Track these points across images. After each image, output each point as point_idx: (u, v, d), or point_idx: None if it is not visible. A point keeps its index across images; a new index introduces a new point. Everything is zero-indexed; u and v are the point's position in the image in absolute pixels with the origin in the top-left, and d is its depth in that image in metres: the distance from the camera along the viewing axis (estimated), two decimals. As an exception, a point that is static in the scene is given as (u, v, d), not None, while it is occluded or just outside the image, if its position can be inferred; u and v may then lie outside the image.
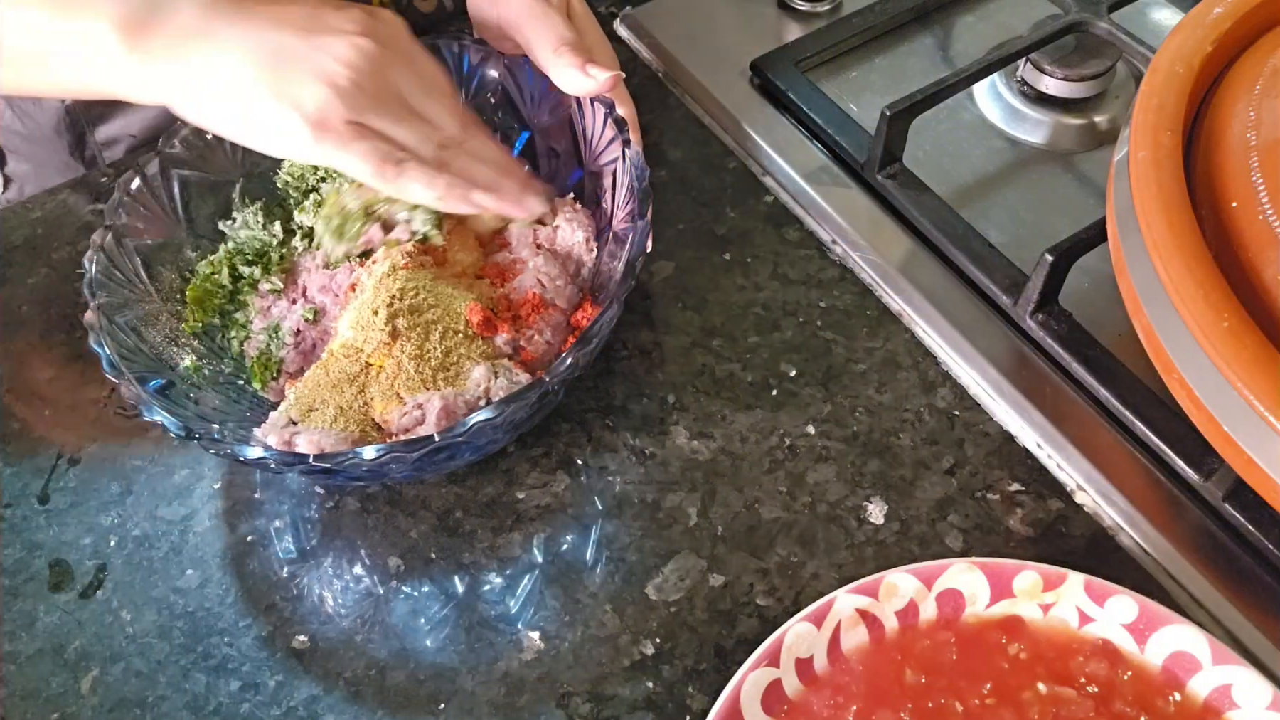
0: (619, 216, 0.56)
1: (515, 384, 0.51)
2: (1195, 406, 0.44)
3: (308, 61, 0.48)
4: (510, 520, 0.53)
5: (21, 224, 0.66)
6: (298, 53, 0.48)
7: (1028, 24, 0.66)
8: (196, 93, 0.49)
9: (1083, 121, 0.66)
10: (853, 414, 0.55)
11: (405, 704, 0.48)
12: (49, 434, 0.57)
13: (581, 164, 0.59)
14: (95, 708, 0.48)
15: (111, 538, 0.53)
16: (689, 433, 0.55)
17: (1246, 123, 0.45)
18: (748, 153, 0.67)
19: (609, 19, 0.74)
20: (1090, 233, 0.53)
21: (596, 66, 0.55)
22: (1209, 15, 0.49)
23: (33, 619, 0.51)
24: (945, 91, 0.61)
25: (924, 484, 0.53)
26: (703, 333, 0.59)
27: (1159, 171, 0.44)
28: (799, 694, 0.44)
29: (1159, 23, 0.71)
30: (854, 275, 0.61)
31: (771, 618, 0.49)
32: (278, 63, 0.48)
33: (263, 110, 0.48)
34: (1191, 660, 0.44)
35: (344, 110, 0.48)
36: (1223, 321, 0.40)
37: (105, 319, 0.51)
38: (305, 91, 0.48)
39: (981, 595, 0.46)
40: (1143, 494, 0.51)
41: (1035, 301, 0.55)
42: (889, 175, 0.62)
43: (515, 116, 0.61)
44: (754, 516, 0.52)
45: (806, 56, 0.69)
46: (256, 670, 0.49)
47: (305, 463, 0.46)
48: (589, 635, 0.49)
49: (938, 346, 0.57)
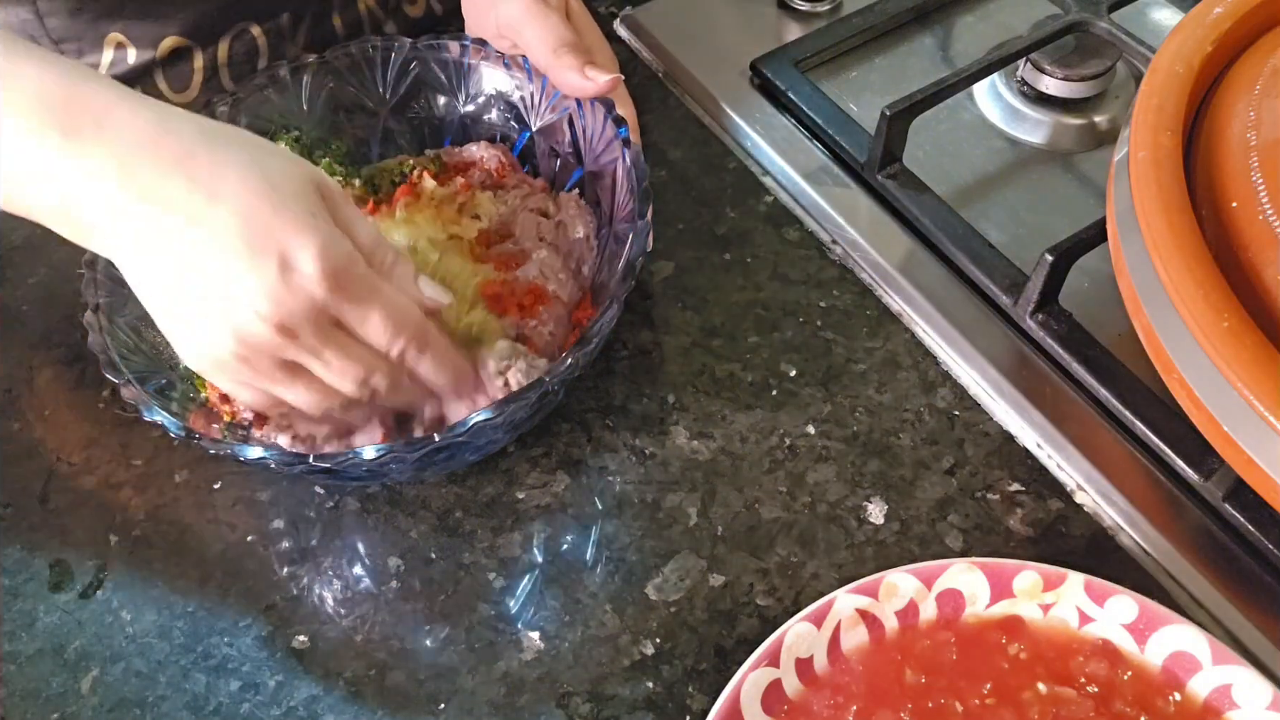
0: (619, 216, 0.56)
1: (534, 367, 0.51)
2: (1195, 406, 0.44)
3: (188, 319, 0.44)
4: (510, 520, 0.53)
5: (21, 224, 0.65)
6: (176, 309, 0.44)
7: (1028, 24, 0.66)
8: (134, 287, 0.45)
9: (1083, 121, 0.66)
10: (853, 414, 0.55)
11: (405, 704, 0.48)
12: (49, 434, 0.57)
13: (581, 164, 0.59)
14: (95, 708, 0.48)
15: (111, 538, 0.53)
16: (689, 433, 0.55)
17: (1246, 123, 0.45)
18: (748, 153, 0.67)
19: (609, 19, 0.74)
20: (1090, 233, 0.53)
21: (596, 69, 0.55)
22: (1209, 15, 0.49)
23: (33, 619, 0.51)
24: (945, 91, 0.61)
25: (924, 484, 0.53)
26: (703, 333, 0.59)
27: (1159, 171, 0.44)
28: (799, 694, 0.44)
29: (1159, 23, 0.71)
30: (854, 275, 0.61)
31: (771, 618, 0.49)
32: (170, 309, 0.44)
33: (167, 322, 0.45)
34: (1191, 660, 0.44)
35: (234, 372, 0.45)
36: (1223, 321, 0.40)
37: (105, 319, 0.51)
38: (207, 335, 0.44)
39: (981, 595, 0.46)
40: (1143, 494, 0.51)
41: (1035, 301, 0.55)
42: (889, 175, 0.62)
43: (515, 116, 0.61)
44: (754, 516, 0.52)
45: (806, 56, 0.69)
46: (256, 670, 0.49)
47: (305, 463, 0.46)
48: (589, 635, 0.49)
49: (938, 346, 0.57)
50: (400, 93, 0.62)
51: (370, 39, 0.60)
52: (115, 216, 0.43)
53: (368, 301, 0.45)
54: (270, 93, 0.59)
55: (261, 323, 0.43)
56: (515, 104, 0.61)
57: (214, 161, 0.43)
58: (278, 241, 0.42)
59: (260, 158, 0.44)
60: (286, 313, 0.43)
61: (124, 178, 0.42)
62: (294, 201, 0.43)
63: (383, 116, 0.62)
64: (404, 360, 0.47)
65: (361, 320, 0.45)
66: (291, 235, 0.43)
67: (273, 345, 0.44)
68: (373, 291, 0.45)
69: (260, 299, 0.43)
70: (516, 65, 0.59)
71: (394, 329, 0.46)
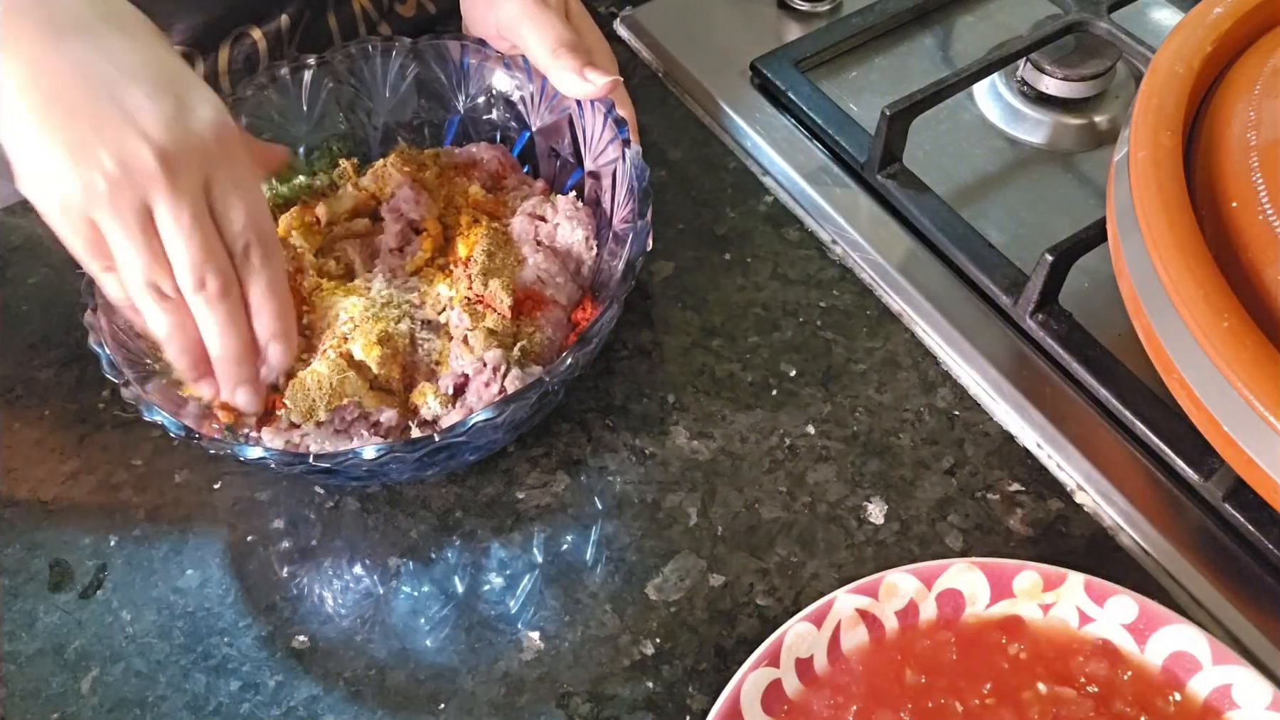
0: (619, 216, 0.56)
1: (528, 375, 0.51)
2: (1195, 406, 0.44)
3: (80, 140, 0.44)
4: (510, 520, 0.53)
5: (21, 224, 0.66)
6: (81, 125, 0.44)
7: (1028, 24, 0.66)
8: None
9: (1083, 121, 0.66)
10: (853, 414, 0.55)
11: (405, 704, 0.48)
12: (49, 434, 0.57)
13: (581, 164, 0.59)
14: (95, 708, 0.48)
15: (111, 538, 0.53)
16: (689, 433, 0.55)
17: (1246, 123, 0.45)
18: (747, 153, 0.67)
19: (609, 19, 0.74)
20: (1090, 233, 0.53)
21: (595, 70, 0.55)
22: (1209, 15, 0.49)
23: (33, 619, 0.51)
24: (945, 91, 0.61)
25: (924, 484, 0.53)
26: (703, 333, 0.59)
27: (1159, 171, 0.44)
28: (799, 694, 0.44)
29: (1159, 23, 0.71)
30: (854, 275, 0.61)
31: (771, 618, 0.49)
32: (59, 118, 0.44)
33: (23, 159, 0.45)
34: (1191, 660, 0.44)
35: (84, 207, 0.45)
36: (1223, 321, 0.40)
37: (105, 319, 0.51)
38: (64, 171, 0.44)
39: (981, 595, 0.46)
40: (1143, 494, 0.51)
41: (1035, 301, 0.55)
42: (889, 175, 0.62)
43: (515, 116, 0.61)
44: (754, 516, 0.52)
45: (806, 56, 0.69)
46: (256, 670, 0.49)
47: (305, 463, 0.46)
48: (589, 635, 0.49)
49: (938, 346, 0.57)
50: (400, 93, 0.62)
51: (370, 39, 0.60)
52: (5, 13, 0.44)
53: (243, 179, 0.47)
54: (270, 93, 0.60)
55: (147, 149, 0.44)
56: (515, 104, 0.61)
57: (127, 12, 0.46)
58: (182, 85, 0.45)
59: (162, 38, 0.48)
60: (175, 146, 0.44)
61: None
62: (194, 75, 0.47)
63: (383, 116, 0.62)
64: (247, 260, 0.47)
65: (231, 187, 0.46)
66: (195, 86, 0.46)
67: (149, 178, 0.44)
68: (249, 178, 0.47)
69: (155, 124, 0.44)
70: (516, 65, 0.59)
71: (256, 218, 0.47)
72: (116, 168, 0.44)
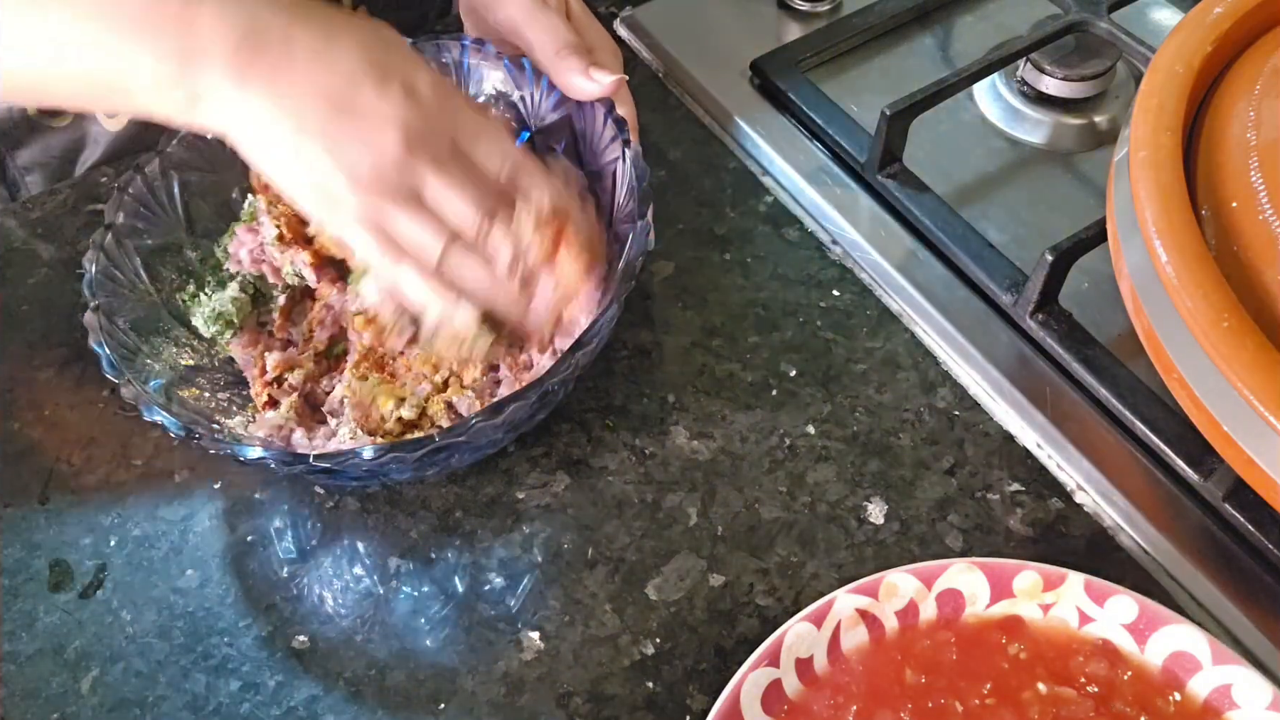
0: (619, 216, 0.56)
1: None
2: (1195, 406, 0.44)
3: (334, 143, 0.46)
4: (510, 520, 0.53)
5: (21, 224, 0.66)
6: (329, 129, 0.46)
7: (1028, 24, 0.66)
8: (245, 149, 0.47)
9: (1083, 121, 0.66)
10: (853, 414, 0.55)
11: (405, 704, 0.48)
12: (49, 434, 0.57)
13: (581, 164, 0.59)
14: (95, 708, 0.48)
15: (111, 538, 0.53)
16: (689, 433, 0.55)
17: (1246, 123, 0.45)
18: (748, 153, 0.67)
19: (609, 19, 0.74)
20: (1090, 233, 0.53)
21: (599, 70, 0.54)
22: (1209, 15, 0.49)
23: (33, 619, 0.51)
24: (945, 91, 0.61)
25: (924, 484, 0.53)
26: (703, 333, 0.59)
27: (1159, 171, 0.44)
28: (799, 694, 0.44)
29: (1159, 23, 0.71)
30: (854, 275, 0.61)
31: (771, 618, 0.49)
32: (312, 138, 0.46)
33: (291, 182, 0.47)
34: (1191, 660, 0.44)
35: (367, 212, 0.47)
36: (1223, 321, 0.40)
37: (105, 319, 0.51)
38: (332, 184, 0.46)
39: (981, 595, 0.46)
40: (1143, 494, 0.51)
41: (1035, 301, 0.55)
42: (889, 175, 0.62)
43: (515, 116, 0.61)
44: (754, 516, 0.52)
45: (806, 56, 0.69)
46: (256, 670, 0.49)
47: (305, 463, 0.46)
48: (589, 635, 0.49)
49: (938, 346, 0.57)
50: (400, 93, 0.62)
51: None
52: (238, 69, 0.45)
53: (479, 126, 0.49)
54: (270, 93, 0.59)
55: (394, 139, 0.46)
56: (515, 104, 0.61)
57: (325, 16, 0.47)
58: (398, 70, 0.47)
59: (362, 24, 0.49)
60: (414, 125, 0.46)
61: (244, 36, 0.45)
62: (402, 48, 0.48)
63: (383, 116, 0.62)
64: (517, 187, 0.49)
65: (472, 135, 0.48)
66: (409, 67, 0.47)
67: (401, 165, 0.46)
68: (484, 122, 0.49)
69: (392, 116, 0.46)
70: (516, 65, 0.59)
71: (507, 150, 0.49)
72: (376, 172, 0.46)
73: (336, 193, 0.46)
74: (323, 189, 0.47)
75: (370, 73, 0.46)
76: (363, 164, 0.46)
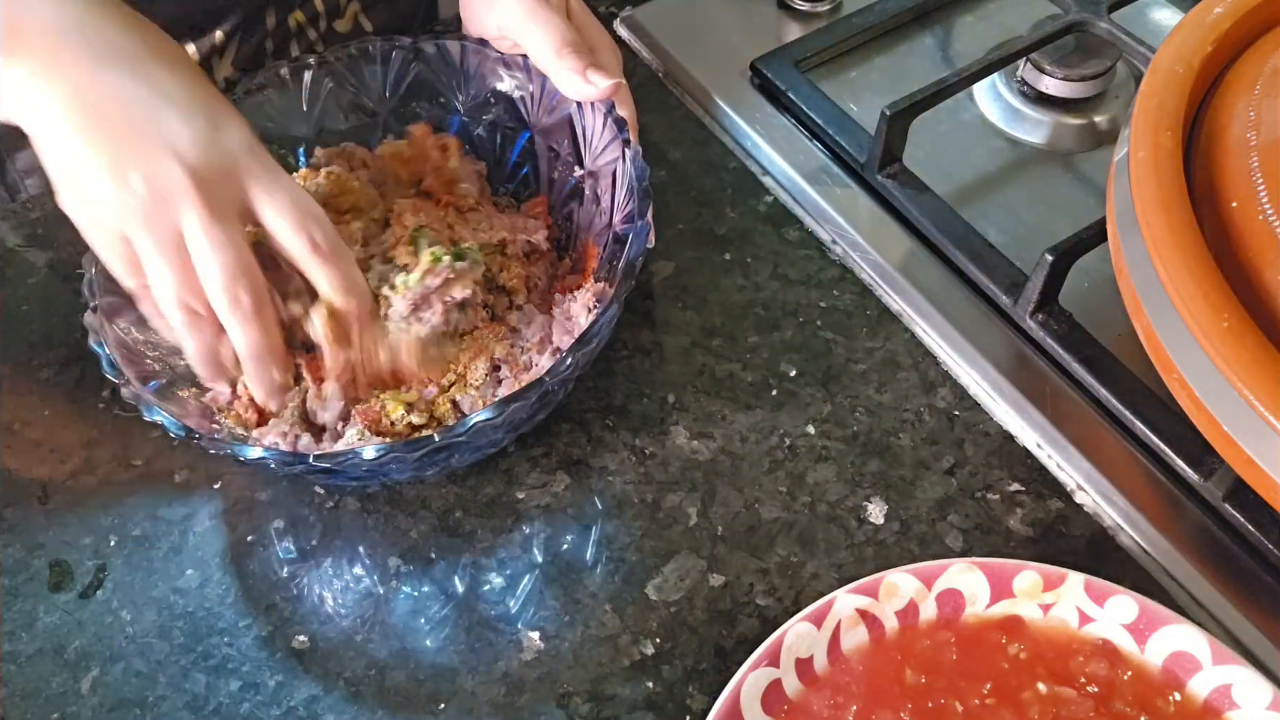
0: (619, 217, 0.56)
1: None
2: (1195, 406, 0.44)
3: (116, 162, 0.45)
4: (510, 520, 0.53)
5: (21, 224, 0.66)
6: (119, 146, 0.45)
7: (1028, 24, 0.66)
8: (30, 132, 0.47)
9: (1083, 121, 0.66)
10: (853, 414, 0.55)
11: (405, 704, 0.48)
12: (49, 434, 0.57)
13: (581, 164, 0.59)
14: (95, 708, 0.48)
15: (111, 538, 0.53)
16: (689, 433, 0.55)
17: (1246, 123, 0.45)
18: (748, 153, 0.67)
19: (609, 19, 0.74)
20: (1090, 233, 0.53)
21: (597, 72, 0.55)
22: (1209, 15, 0.49)
23: (33, 619, 0.51)
24: (945, 91, 0.61)
25: (924, 484, 0.53)
26: (703, 333, 0.59)
27: (1159, 171, 0.44)
28: (799, 694, 0.44)
29: (1159, 23, 0.72)
30: (854, 275, 0.61)
31: (771, 618, 0.49)
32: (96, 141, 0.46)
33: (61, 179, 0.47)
34: (1191, 660, 0.44)
35: (118, 229, 0.46)
36: (1223, 321, 0.40)
37: (105, 319, 0.51)
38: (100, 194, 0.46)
39: (981, 595, 0.46)
40: (1143, 494, 0.51)
41: (1035, 301, 0.55)
42: (889, 175, 0.62)
43: (515, 116, 0.61)
44: (754, 516, 0.52)
45: (806, 56, 0.69)
46: (256, 670, 0.49)
47: (305, 463, 0.46)
48: (589, 635, 0.49)
49: (938, 346, 0.57)
50: (400, 93, 0.62)
51: (371, 39, 0.60)
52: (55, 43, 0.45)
53: (280, 187, 0.48)
54: (270, 93, 0.59)
55: (179, 169, 0.45)
56: (515, 104, 0.61)
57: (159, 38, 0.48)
58: (213, 108, 0.47)
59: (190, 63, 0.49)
60: (205, 164, 0.45)
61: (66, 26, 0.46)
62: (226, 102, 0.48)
63: (383, 116, 0.62)
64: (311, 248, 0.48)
65: (267, 198, 0.47)
66: (224, 109, 0.47)
67: (180, 197, 0.45)
68: (288, 186, 0.48)
69: (187, 145, 0.45)
70: (516, 65, 0.59)
71: (300, 216, 0.48)
72: (149, 187, 0.45)
73: (99, 196, 0.46)
74: (88, 189, 0.46)
75: (184, 102, 0.46)
76: (138, 180, 0.45)
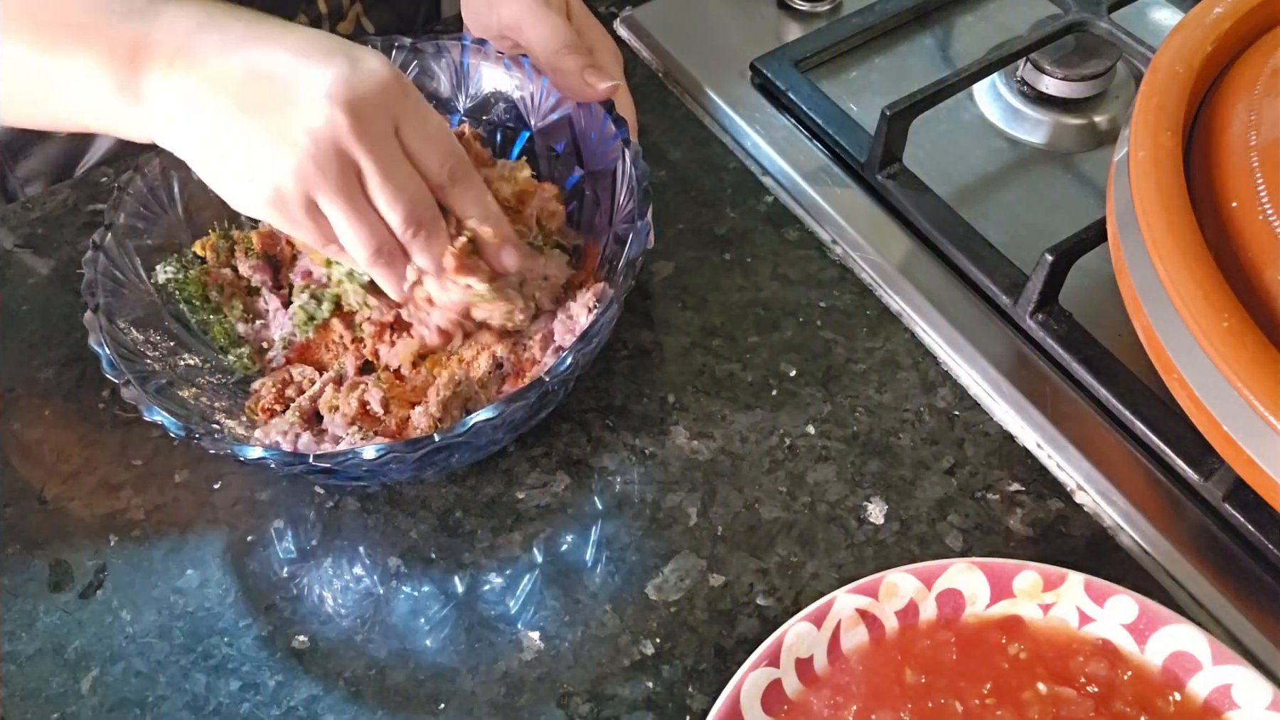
0: (619, 216, 0.56)
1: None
2: (1195, 406, 0.44)
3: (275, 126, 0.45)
4: (510, 520, 0.53)
5: (21, 224, 0.66)
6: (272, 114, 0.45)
7: (1028, 24, 0.66)
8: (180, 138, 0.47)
9: (1083, 121, 0.66)
10: (853, 414, 0.55)
11: (405, 704, 0.48)
12: (49, 434, 0.57)
13: (581, 164, 0.59)
14: (95, 708, 0.48)
15: (111, 538, 0.53)
16: (689, 433, 0.55)
17: (1246, 123, 0.45)
18: (748, 153, 0.67)
19: (609, 19, 0.74)
20: (1090, 233, 0.53)
21: (596, 74, 0.55)
22: (1209, 15, 0.49)
23: (33, 619, 0.51)
24: (945, 91, 0.61)
25: (924, 484, 0.53)
26: (703, 333, 0.59)
27: (1159, 171, 0.44)
28: (799, 694, 0.44)
29: (1159, 23, 0.72)
30: (854, 275, 0.61)
31: (771, 618, 0.49)
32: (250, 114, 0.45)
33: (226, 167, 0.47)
34: (1191, 660, 0.44)
35: (300, 192, 0.46)
36: (1223, 321, 0.40)
37: (105, 319, 0.51)
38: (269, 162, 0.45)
39: (981, 595, 0.46)
40: (1143, 494, 0.51)
41: (1035, 301, 0.55)
42: (889, 175, 0.62)
43: (515, 116, 0.61)
44: (754, 516, 0.52)
45: (806, 56, 0.69)
46: (256, 670, 0.49)
47: (305, 463, 0.46)
48: (589, 635, 0.49)
49: (938, 346, 0.57)
50: (400, 93, 0.61)
51: (370, 38, 0.60)
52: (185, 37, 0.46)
53: (425, 115, 0.48)
54: (270, 93, 0.59)
55: (336, 109, 0.44)
56: (515, 104, 0.61)
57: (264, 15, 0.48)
58: (345, 47, 0.46)
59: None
60: (357, 97, 0.45)
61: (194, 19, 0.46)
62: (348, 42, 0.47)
63: (383, 116, 0.62)
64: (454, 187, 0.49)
65: (418, 124, 0.47)
66: (356, 47, 0.47)
67: (344, 135, 0.45)
68: (429, 112, 0.48)
69: (335, 86, 0.45)
70: (516, 65, 0.59)
71: (448, 149, 0.48)
72: (313, 140, 0.45)
73: (269, 168, 0.45)
74: (256, 166, 0.46)
75: (318, 52, 0.46)
76: (301, 137, 0.45)
